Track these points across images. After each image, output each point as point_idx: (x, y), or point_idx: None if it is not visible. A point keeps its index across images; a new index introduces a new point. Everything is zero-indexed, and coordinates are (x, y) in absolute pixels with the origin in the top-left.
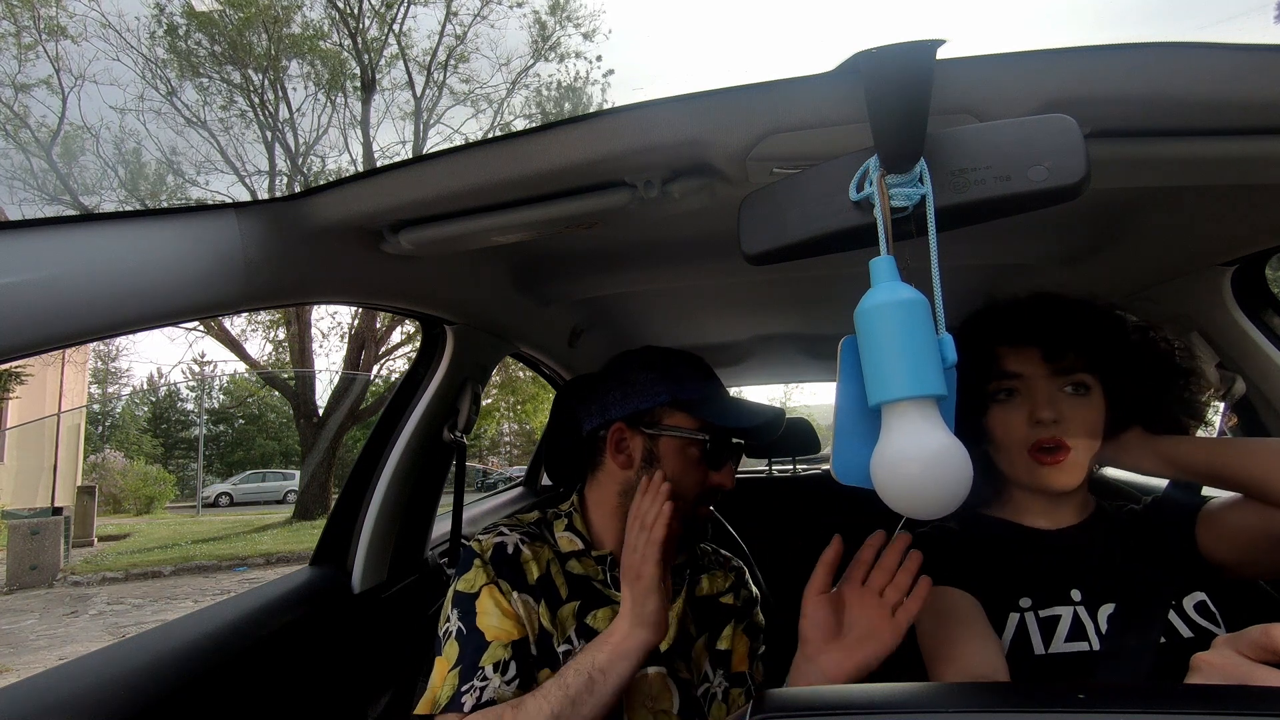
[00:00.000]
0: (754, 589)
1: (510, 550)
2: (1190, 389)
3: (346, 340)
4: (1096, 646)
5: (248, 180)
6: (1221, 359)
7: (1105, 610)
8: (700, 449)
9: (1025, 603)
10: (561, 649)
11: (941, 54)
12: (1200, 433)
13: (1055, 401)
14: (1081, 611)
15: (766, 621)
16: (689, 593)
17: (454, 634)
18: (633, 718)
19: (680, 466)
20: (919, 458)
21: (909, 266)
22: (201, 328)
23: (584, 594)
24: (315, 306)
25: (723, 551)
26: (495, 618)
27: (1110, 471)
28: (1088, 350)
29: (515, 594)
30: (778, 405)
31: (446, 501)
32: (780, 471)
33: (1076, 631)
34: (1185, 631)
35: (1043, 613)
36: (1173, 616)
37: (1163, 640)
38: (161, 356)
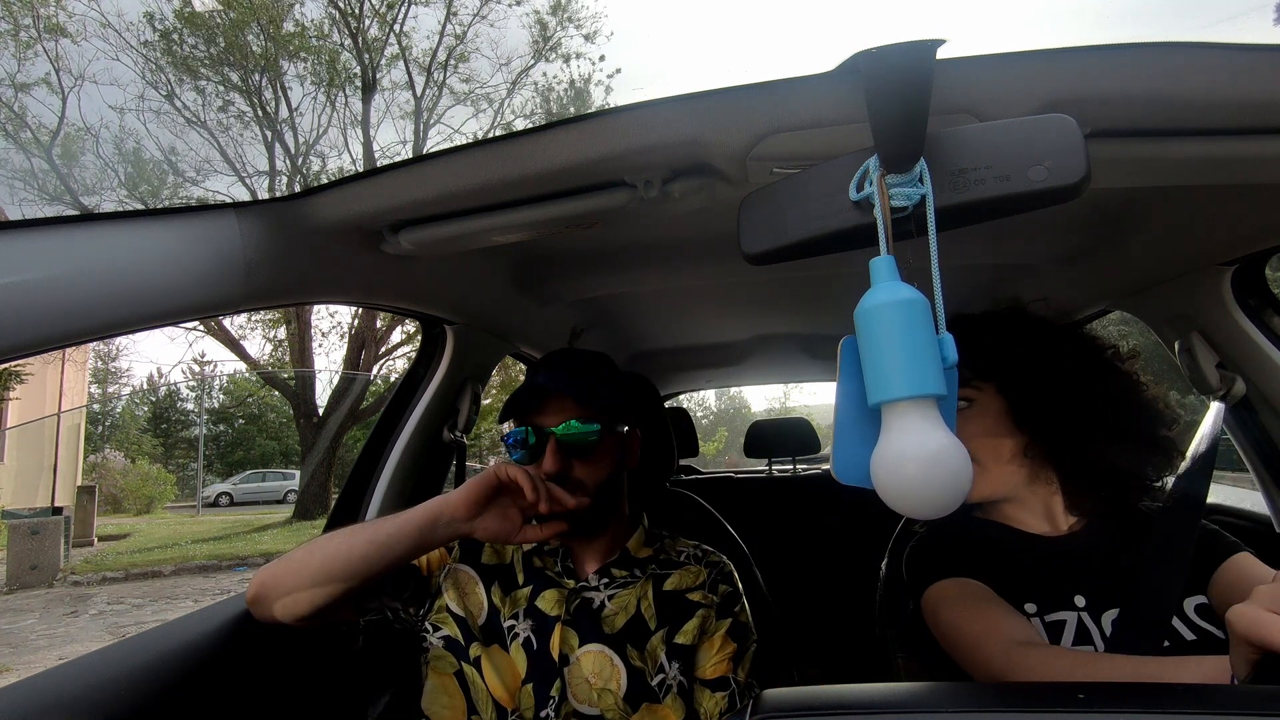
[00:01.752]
0: (737, 585)
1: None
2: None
3: (346, 340)
4: (1102, 650)
5: (248, 180)
6: (1221, 359)
7: (1109, 615)
8: (507, 447)
9: (1030, 608)
10: (507, 624)
11: (941, 54)
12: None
13: None
14: (1085, 617)
15: (764, 621)
16: (656, 587)
17: None
18: (574, 692)
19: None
20: (918, 457)
21: (909, 266)
22: (201, 328)
23: (537, 580)
24: (315, 306)
25: (704, 547)
26: (425, 560)
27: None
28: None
29: (457, 565)
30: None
31: None
32: (780, 471)
33: (1081, 637)
34: (1188, 635)
35: (1048, 618)
36: (1176, 620)
37: (1167, 644)
38: (161, 356)
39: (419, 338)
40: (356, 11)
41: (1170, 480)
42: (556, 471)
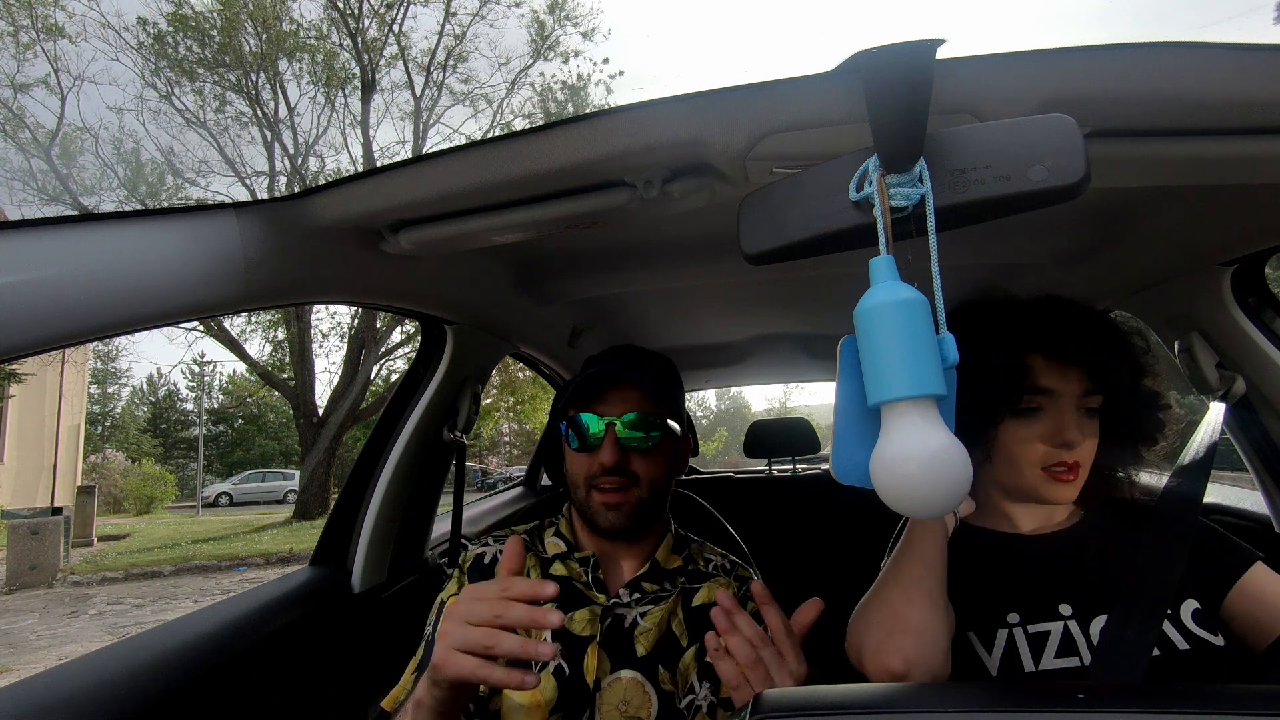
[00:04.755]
0: None
1: (487, 560)
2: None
3: (346, 340)
4: (1088, 661)
5: (247, 180)
6: (1221, 359)
7: (1098, 623)
8: (566, 433)
9: (1013, 618)
10: None
11: (941, 54)
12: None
13: (1081, 425)
14: (1072, 625)
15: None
16: (684, 602)
17: (425, 639)
18: (604, 719)
19: (569, 459)
20: (918, 457)
21: (909, 266)
22: (201, 328)
23: (563, 596)
24: (315, 306)
25: (732, 558)
26: None
27: None
28: (1111, 374)
29: None
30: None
31: (446, 501)
32: (780, 471)
33: (1067, 647)
34: (1181, 644)
35: (1031, 628)
36: (1168, 627)
37: (1157, 653)
38: (161, 356)
39: (419, 338)
40: (355, 11)
41: (1165, 477)
42: (614, 463)
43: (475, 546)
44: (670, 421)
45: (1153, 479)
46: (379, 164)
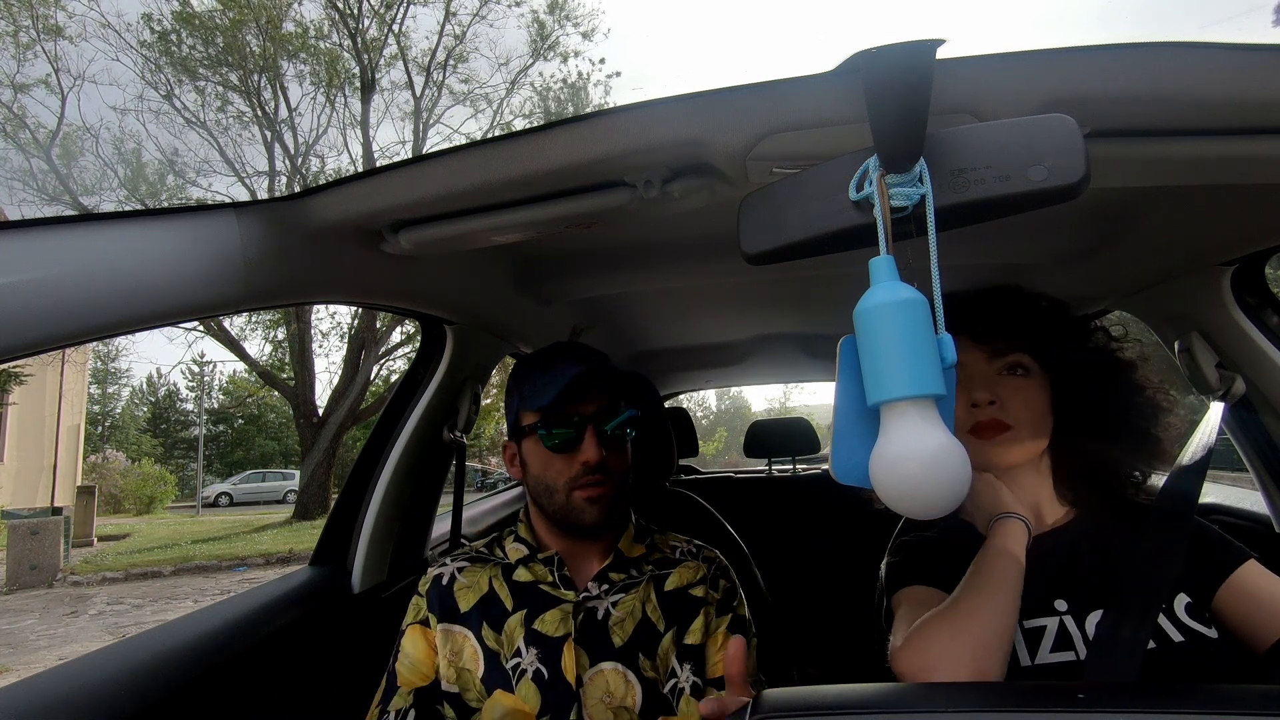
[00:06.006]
0: (735, 580)
1: (445, 581)
2: (1144, 391)
3: (346, 340)
4: (1083, 656)
5: (247, 180)
6: (1221, 359)
7: (1094, 617)
8: (544, 437)
9: None
10: (511, 663)
11: (941, 54)
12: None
13: (992, 384)
14: (1068, 621)
15: (764, 621)
16: (657, 588)
17: (387, 670)
18: (590, 714)
19: (539, 461)
20: (918, 457)
21: (909, 266)
22: (201, 328)
23: (531, 600)
24: (315, 306)
25: (696, 542)
26: (409, 662)
27: None
28: (1019, 332)
29: (442, 628)
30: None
31: (446, 501)
32: (780, 471)
33: (1063, 641)
34: (1176, 636)
35: (1027, 624)
36: (1162, 620)
37: (1152, 646)
38: (161, 356)
39: (419, 338)
40: (356, 12)
41: (1159, 477)
42: (598, 460)
43: (433, 568)
44: (636, 416)
45: (1151, 479)
46: (379, 164)
